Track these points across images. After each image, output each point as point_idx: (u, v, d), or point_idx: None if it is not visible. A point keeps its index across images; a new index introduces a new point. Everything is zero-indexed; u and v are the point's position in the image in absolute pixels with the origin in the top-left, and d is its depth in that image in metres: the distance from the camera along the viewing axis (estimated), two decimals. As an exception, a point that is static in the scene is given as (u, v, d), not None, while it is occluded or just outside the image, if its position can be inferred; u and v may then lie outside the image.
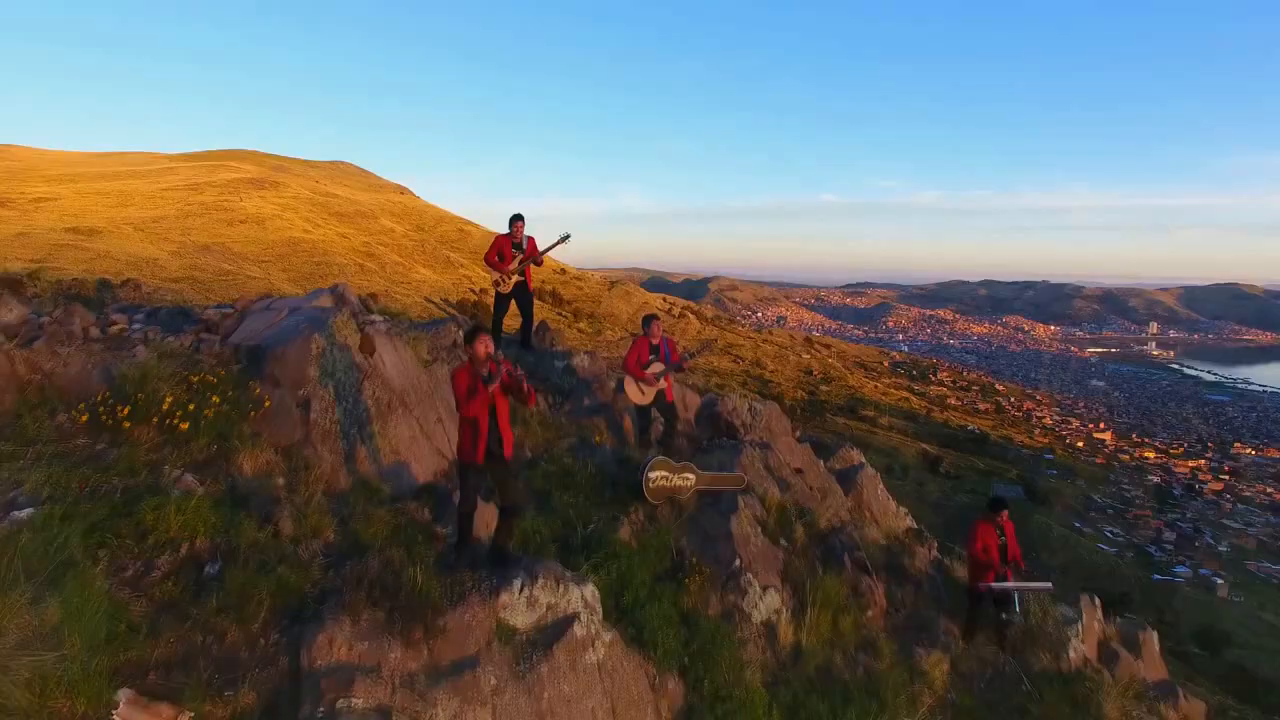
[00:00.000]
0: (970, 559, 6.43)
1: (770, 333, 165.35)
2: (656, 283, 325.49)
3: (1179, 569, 67.78)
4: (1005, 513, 6.47)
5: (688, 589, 5.34)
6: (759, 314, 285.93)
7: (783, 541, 6.16)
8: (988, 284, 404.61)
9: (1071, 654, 6.21)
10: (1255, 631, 46.55)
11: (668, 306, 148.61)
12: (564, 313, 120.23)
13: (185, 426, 4.41)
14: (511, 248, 8.15)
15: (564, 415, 7.59)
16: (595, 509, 5.93)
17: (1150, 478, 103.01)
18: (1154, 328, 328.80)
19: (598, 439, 7.11)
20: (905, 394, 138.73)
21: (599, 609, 4.43)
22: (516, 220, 8.14)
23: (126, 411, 4.28)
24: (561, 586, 4.27)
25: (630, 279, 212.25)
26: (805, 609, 5.62)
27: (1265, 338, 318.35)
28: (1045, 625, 6.34)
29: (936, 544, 10.66)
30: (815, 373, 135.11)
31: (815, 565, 6.08)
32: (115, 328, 5.72)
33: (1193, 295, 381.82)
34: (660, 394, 7.28)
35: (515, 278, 8.21)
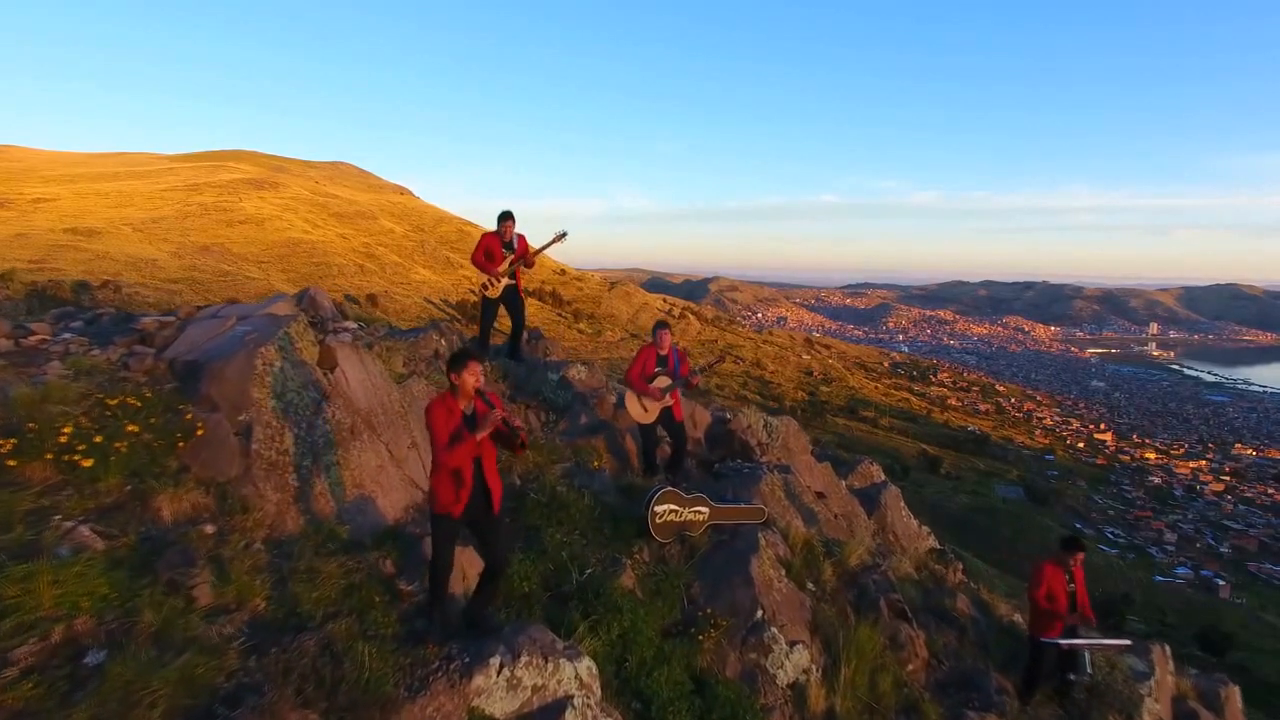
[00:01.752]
0: (1032, 605, 5.54)
1: (771, 333, 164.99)
2: (656, 283, 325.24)
3: (1180, 570, 67.50)
4: (1080, 555, 5.55)
5: (702, 647, 4.53)
6: (759, 314, 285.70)
7: (810, 585, 5.33)
8: (988, 284, 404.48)
9: (1145, 716, 5.39)
10: (1258, 633, 46.10)
11: (667, 307, 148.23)
12: (564, 313, 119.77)
13: (88, 463, 3.57)
14: (501, 247, 7.36)
15: (557, 435, 6.71)
16: (593, 548, 5.10)
17: (1151, 479, 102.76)
18: (1154, 328, 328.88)
19: (596, 463, 6.23)
20: (905, 395, 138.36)
21: (596, 687, 3.61)
22: (506, 219, 7.35)
23: (10, 446, 3.44)
24: (550, 663, 3.44)
25: (630, 279, 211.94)
26: (838, 666, 4.80)
27: (1265, 338, 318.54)
28: (1113, 682, 5.51)
29: (962, 567, 9.91)
30: (816, 373, 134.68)
31: (847, 612, 5.25)
32: (34, 338, 4.90)
33: (1193, 296, 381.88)
34: (667, 412, 6.44)
35: (505, 280, 7.42)
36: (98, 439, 3.67)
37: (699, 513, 5.40)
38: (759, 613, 4.75)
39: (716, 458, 7.42)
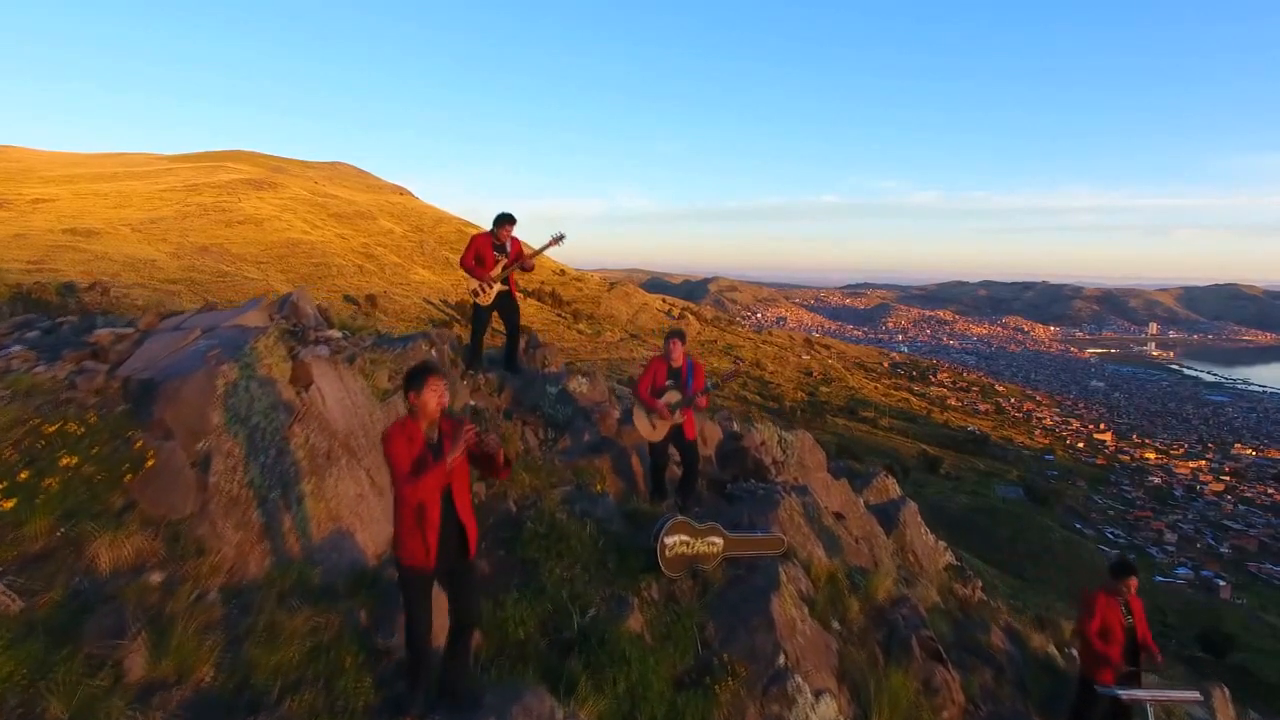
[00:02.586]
0: (1083, 643, 4.94)
1: (770, 333, 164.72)
2: (656, 283, 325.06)
3: (1180, 570, 67.37)
4: (1133, 581, 4.90)
5: (718, 699, 4.03)
6: (759, 315, 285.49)
7: (835, 624, 4.82)
8: (987, 284, 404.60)
9: (1208, 770, 4.90)
10: (1259, 634, 45.88)
11: (667, 307, 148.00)
12: (563, 313, 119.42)
13: (9, 505, 3.06)
14: (493, 250, 6.81)
15: (557, 455, 6.12)
16: (596, 585, 4.59)
17: (1151, 479, 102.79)
18: (1153, 328, 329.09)
19: (599, 486, 5.70)
20: (905, 395, 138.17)
21: (600, 764, 3.12)
22: (504, 222, 6.77)
23: (-86, 487, 2.94)
24: (547, 739, 2.95)
25: (630, 280, 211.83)
26: (868, 717, 4.32)
27: (1265, 338, 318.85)
28: (1172, 732, 5.02)
29: (981, 585, 9.45)
30: (815, 374, 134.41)
31: (877, 654, 4.74)
32: (-27, 352, 4.40)
33: (1192, 296, 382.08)
34: (678, 429, 5.90)
35: (498, 286, 6.87)
36: (23, 475, 3.16)
37: (713, 544, 4.89)
38: (781, 658, 4.25)
39: (728, 477, 6.89)
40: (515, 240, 6.93)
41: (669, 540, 4.74)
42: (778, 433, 7.87)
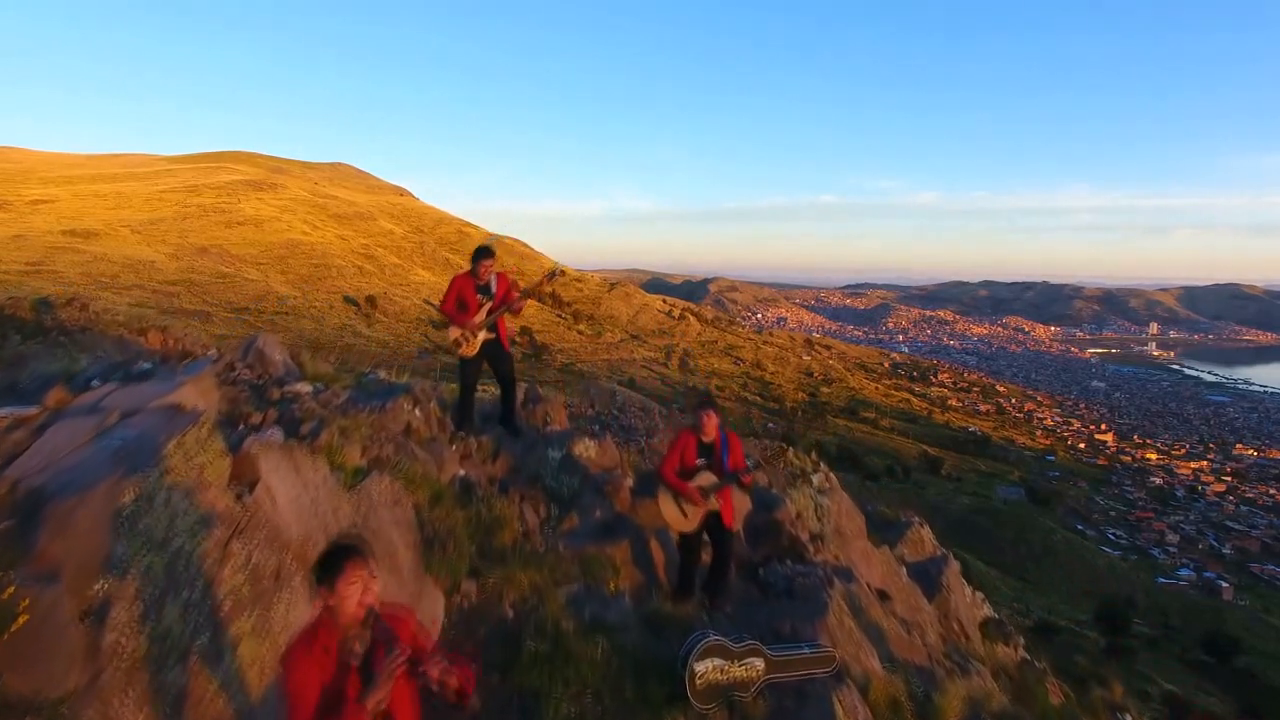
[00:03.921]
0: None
1: (771, 334, 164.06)
2: (656, 284, 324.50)
3: (1182, 571, 67.23)
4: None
5: None
6: (759, 315, 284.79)
7: (901, 763, 3.99)
8: (988, 284, 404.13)
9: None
10: (1263, 636, 45.64)
11: (667, 308, 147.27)
12: (563, 314, 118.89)
13: None
14: (476, 291, 5.77)
15: (562, 539, 5.12)
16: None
17: (1152, 479, 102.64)
18: (1154, 328, 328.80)
19: (612, 584, 4.74)
20: (906, 395, 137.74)
21: None
22: (483, 256, 5.75)
23: None
24: None
25: (630, 280, 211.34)
26: None
27: (1265, 338, 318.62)
28: None
29: (1022, 641, 8.64)
30: (816, 374, 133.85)
31: (952, 809, 3.90)
32: None
33: (1193, 296, 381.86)
34: (714, 516, 4.86)
35: (483, 334, 5.84)
36: None
37: (752, 667, 4.03)
38: (843, 828, 3.38)
39: (760, 558, 5.96)
40: (501, 277, 5.91)
41: (700, 667, 3.89)
42: (813, 499, 6.87)
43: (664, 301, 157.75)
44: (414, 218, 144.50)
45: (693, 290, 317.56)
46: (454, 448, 5.66)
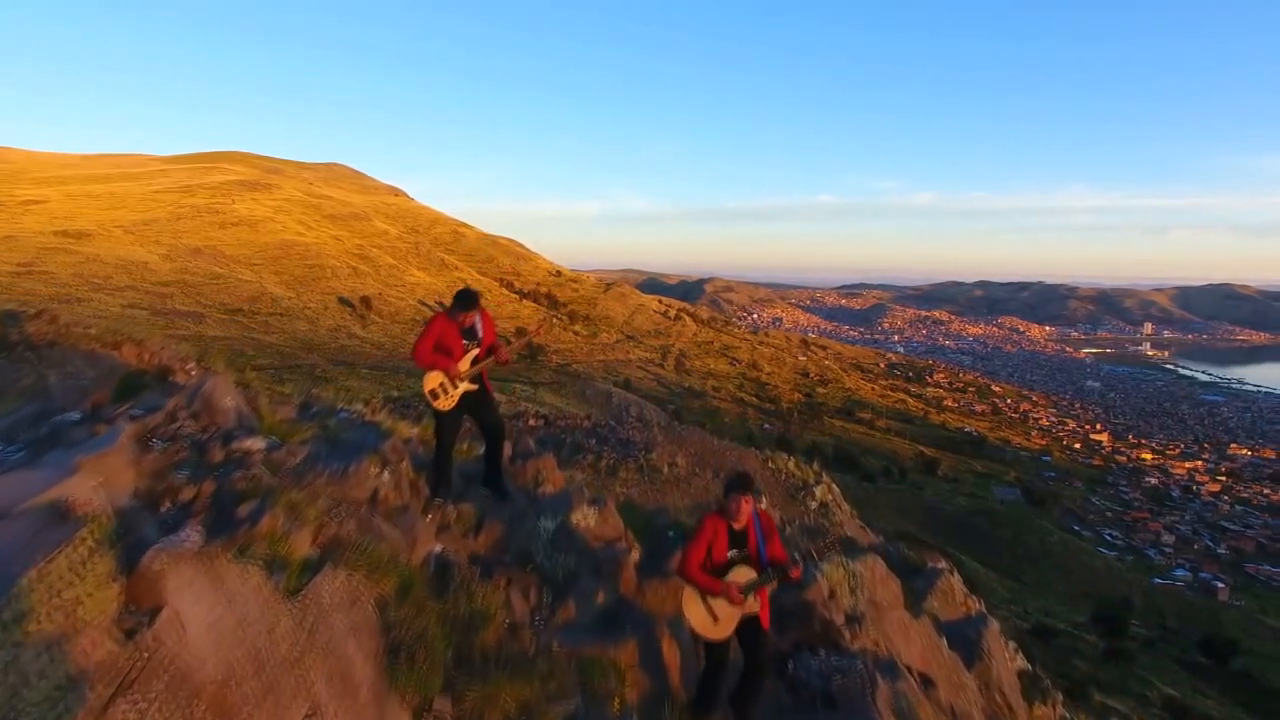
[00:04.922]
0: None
1: (767, 334, 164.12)
2: (652, 284, 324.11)
3: (1178, 572, 67.11)
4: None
5: None
6: (755, 315, 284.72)
7: None
8: (983, 284, 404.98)
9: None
10: (1259, 638, 45.62)
11: (663, 308, 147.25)
12: (559, 315, 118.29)
13: None
14: (460, 335, 4.98)
15: (555, 637, 4.17)
16: None
17: (1148, 479, 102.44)
18: (1149, 328, 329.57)
19: (617, 701, 3.86)
20: (902, 395, 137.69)
21: None
22: (466, 305, 4.92)
23: None
24: None
25: (626, 280, 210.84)
26: None
27: (1259, 338, 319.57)
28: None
29: (1060, 699, 8.64)
30: (812, 375, 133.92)
31: None
32: None
33: (1187, 296, 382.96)
34: (751, 621, 4.06)
35: (465, 385, 4.99)
36: None
37: None
38: None
39: (788, 645, 5.19)
40: (487, 317, 5.12)
41: None
42: (845, 571, 6.00)
43: (660, 302, 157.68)
44: (409, 218, 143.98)
45: (689, 290, 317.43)
46: (428, 518, 4.80)
